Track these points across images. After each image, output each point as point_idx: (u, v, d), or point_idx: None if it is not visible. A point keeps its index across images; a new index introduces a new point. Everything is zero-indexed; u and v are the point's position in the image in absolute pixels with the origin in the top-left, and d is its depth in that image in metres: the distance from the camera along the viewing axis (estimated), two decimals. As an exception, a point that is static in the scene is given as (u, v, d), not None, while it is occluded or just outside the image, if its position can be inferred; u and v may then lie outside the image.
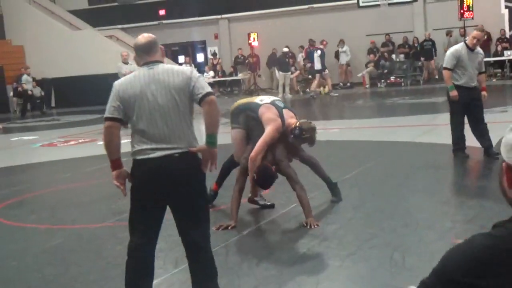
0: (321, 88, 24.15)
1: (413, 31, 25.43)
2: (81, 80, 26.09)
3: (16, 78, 26.90)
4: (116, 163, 4.28)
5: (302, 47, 26.24)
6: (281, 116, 6.68)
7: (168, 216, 4.41)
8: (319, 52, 23.11)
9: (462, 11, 23.30)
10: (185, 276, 5.17)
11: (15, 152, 14.47)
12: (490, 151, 9.17)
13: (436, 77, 24.41)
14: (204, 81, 4.33)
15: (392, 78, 24.55)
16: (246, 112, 6.89)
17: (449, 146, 9.83)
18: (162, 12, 28.93)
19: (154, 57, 4.30)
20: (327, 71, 23.14)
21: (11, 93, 26.66)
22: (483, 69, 9.65)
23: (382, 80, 24.83)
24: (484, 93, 9.53)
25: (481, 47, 9.65)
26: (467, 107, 9.34)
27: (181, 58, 27.77)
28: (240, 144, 6.97)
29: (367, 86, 24.89)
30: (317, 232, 6.16)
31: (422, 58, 24.79)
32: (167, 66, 4.29)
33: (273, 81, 26.34)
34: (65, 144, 14.75)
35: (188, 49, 29.02)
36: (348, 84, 25.83)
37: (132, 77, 4.28)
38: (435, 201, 7.08)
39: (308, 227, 6.25)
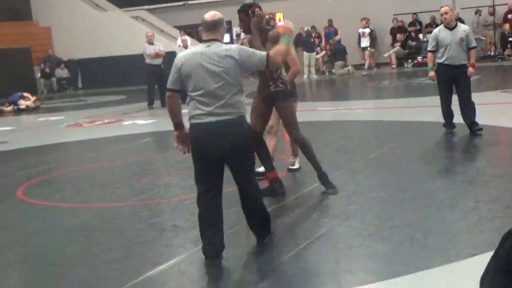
0: (349, 67, 24.04)
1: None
2: (107, 61, 26.23)
3: (43, 59, 27.12)
4: (177, 125, 5.09)
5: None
6: None
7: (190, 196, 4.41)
8: (367, 29, 23.56)
9: (491, -11, 22.98)
10: (205, 254, 5.20)
11: (42, 132, 14.60)
12: (472, 127, 9.46)
13: (465, 57, 24.11)
14: (257, 53, 5.02)
15: (419, 58, 24.27)
16: None
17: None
18: (187, -8, 28.91)
19: (214, 35, 4.96)
20: (369, 49, 24.17)
21: (39, 74, 26.89)
22: (472, 45, 9.58)
23: (409, 60, 24.57)
24: (470, 69, 9.57)
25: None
26: (452, 84, 9.59)
27: (207, 39, 27.72)
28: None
29: (394, 66, 24.65)
30: (338, 212, 6.13)
31: (450, 38, 24.45)
32: (222, 45, 4.92)
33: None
34: (91, 124, 14.84)
35: (214, 30, 28.97)
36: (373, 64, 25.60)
37: (191, 53, 4.95)
38: (459, 181, 6.99)
39: None
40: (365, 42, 24.07)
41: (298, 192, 7.04)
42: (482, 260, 4.55)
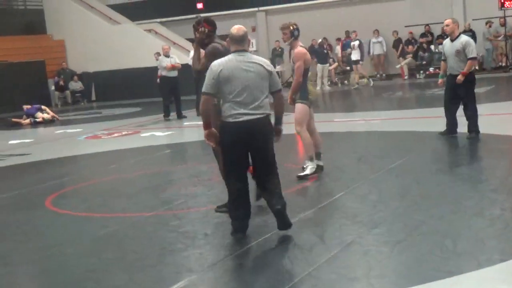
0: (365, 79, 24.08)
1: (452, 22, 25.15)
2: (120, 73, 26.45)
3: (57, 72, 27.36)
4: (208, 125, 5.83)
5: (339, 39, 26.20)
6: None
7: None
8: (357, 42, 23.29)
9: (502, 0, 23.09)
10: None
11: (62, 144, 14.78)
12: (469, 135, 10.13)
13: (476, 67, 24.25)
14: (277, 78, 5.98)
15: (431, 69, 24.37)
16: None
17: (492, 136, 10.01)
18: (199, 5, 29.04)
19: (243, 47, 5.83)
20: (361, 62, 23.43)
21: (53, 87, 27.12)
22: (469, 55, 9.99)
23: (421, 71, 24.68)
24: (459, 76, 10.07)
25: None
26: (455, 93, 10.20)
27: (219, 51, 27.88)
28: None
29: (406, 77, 24.76)
30: (365, 219, 6.25)
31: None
32: (254, 55, 5.85)
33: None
34: (109, 136, 15.02)
35: (226, 42, 29.15)
36: (384, 75, 25.74)
37: (227, 60, 5.74)
38: (482, 189, 7.12)
39: None
40: (355, 55, 23.87)
41: (324, 201, 7.17)
42: (513, 265, 4.72)
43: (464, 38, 10.15)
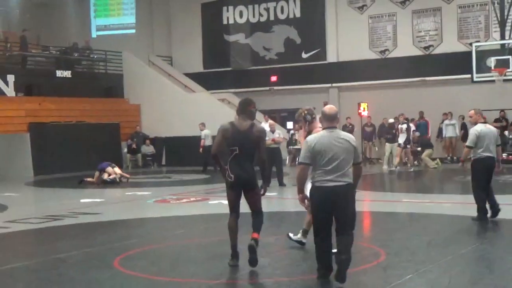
0: (435, 161, 23.83)
1: (528, 109, 24.86)
2: (191, 140, 26.85)
3: (130, 135, 28.09)
4: (301, 190, 6.96)
5: (412, 119, 26.07)
6: None
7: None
8: (405, 125, 23.09)
9: None
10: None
11: (132, 205, 15.10)
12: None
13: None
14: (359, 152, 6.97)
15: (504, 155, 23.92)
16: None
17: None
18: (274, 78, 29.54)
19: (333, 124, 6.82)
20: (408, 146, 23.28)
21: (125, 149, 27.80)
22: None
23: (494, 157, 24.25)
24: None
25: None
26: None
27: (290, 124, 28.10)
28: None
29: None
30: (436, 305, 6.13)
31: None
32: (342, 132, 6.92)
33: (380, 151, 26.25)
34: (178, 201, 15.23)
35: (297, 116, 29.34)
36: (455, 158, 25.42)
37: (320, 136, 6.78)
38: (558, 283, 6.90)
39: None
40: (402, 139, 23.50)
41: (392, 282, 7.06)
42: None
43: (473, 127, 11.00)
